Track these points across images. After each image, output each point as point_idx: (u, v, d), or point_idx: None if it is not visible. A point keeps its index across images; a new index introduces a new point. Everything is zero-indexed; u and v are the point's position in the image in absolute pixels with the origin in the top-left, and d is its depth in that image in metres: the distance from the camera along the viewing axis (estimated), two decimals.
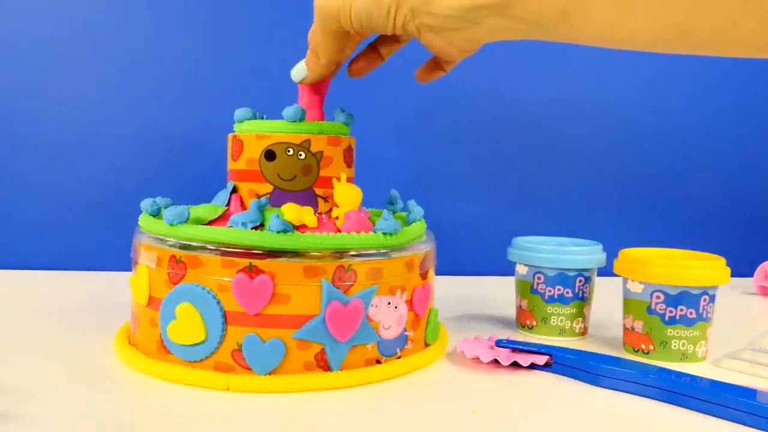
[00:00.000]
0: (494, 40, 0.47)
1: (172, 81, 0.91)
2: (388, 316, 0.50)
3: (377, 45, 0.56)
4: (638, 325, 0.56)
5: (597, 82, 0.98)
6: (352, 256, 0.48)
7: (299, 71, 0.54)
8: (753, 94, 1.01)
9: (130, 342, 0.53)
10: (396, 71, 0.94)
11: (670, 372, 0.48)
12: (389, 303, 0.50)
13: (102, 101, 0.90)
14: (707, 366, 0.55)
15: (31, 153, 0.90)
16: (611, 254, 0.62)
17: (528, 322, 0.63)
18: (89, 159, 0.90)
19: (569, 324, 0.62)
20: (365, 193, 0.55)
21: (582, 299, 0.62)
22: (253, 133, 0.53)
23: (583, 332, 0.63)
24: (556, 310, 0.61)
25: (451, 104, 0.96)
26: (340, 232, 0.50)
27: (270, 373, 0.46)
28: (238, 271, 0.46)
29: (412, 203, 0.58)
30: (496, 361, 0.53)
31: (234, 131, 0.56)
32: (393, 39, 0.56)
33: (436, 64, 0.56)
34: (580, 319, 0.62)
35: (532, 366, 0.52)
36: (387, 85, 0.94)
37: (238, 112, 0.56)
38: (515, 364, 0.52)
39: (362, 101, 0.92)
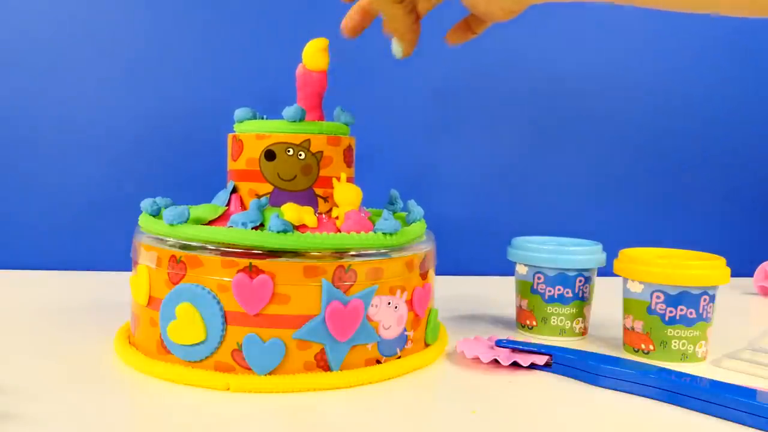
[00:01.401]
0: (545, 1, 0.44)
1: (173, 81, 0.91)
2: (388, 316, 0.50)
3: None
4: (638, 325, 0.56)
5: (597, 83, 0.98)
6: (352, 256, 0.48)
7: (396, 47, 0.51)
8: (753, 94, 1.01)
9: (130, 342, 0.53)
10: (396, 71, 0.94)
11: (670, 372, 0.48)
12: (389, 303, 0.50)
13: (102, 101, 0.90)
14: (707, 366, 0.55)
15: (32, 153, 0.90)
16: (611, 254, 0.62)
17: (528, 322, 0.63)
18: (89, 159, 0.90)
19: (569, 324, 0.62)
20: (365, 193, 0.55)
21: (582, 299, 0.62)
22: (253, 133, 0.53)
23: (583, 332, 0.63)
24: (556, 310, 0.61)
25: (451, 104, 0.95)
26: (340, 232, 0.50)
27: (270, 373, 0.46)
28: (238, 271, 0.46)
29: (412, 203, 0.58)
30: (496, 361, 0.53)
31: (234, 131, 0.56)
32: None
33: (467, 25, 0.53)
34: (580, 319, 0.62)
35: (532, 366, 0.52)
36: (387, 84, 0.94)
37: (238, 112, 0.56)
38: (515, 364, 0.52)
39: (362, 101, 0.92)
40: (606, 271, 0.65)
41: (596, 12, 0.96)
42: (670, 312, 0.54)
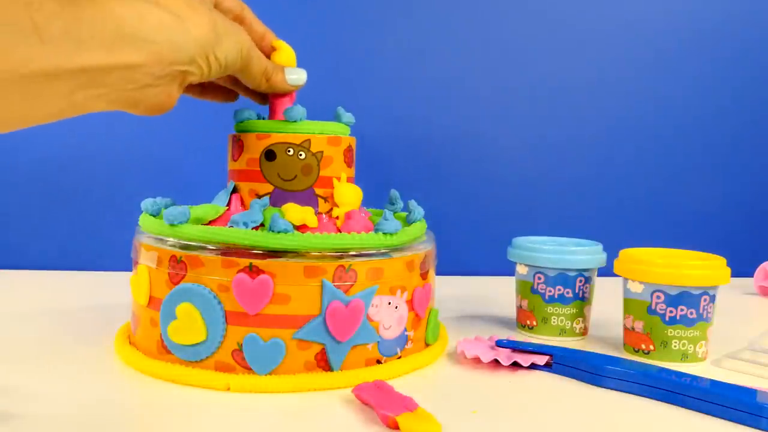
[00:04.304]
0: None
1: None
2: (389, 316, 0.50)
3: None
4: (638, 325, 0.56)
5: (596, 81, 0.98)
6: (353, 256, 0.48)
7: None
8: (753, 93, 1.01)
9: (130, 342, 0.53)
10: (398, 71, 0.94)
11: (670, 372, 0.48)
12: (390, 303, 0.50)
13: None
14: (707, 366, 0.55)
15: (31, 153, 0.90)
16: (611, 254, 0.62)
17: (528, 322, 0.63)
18: (89, 159, 0.90)
19: (569, 324, 0.62)
20: (365, 193, 0.55)
21: (582, 299, 0.62)
22: (253, 133, 0.53)
23: (584, 332, 0.63)
24: (556, 310, 0.61)
25: (451, 103, 0.95)
26: (340, 232, 0.50)
27: (270, 373, 0.46)
28: (239, 271, 0.46)
29: (412, 203, 0.58)
30: (496, 361, 0.53)
31: (234, 131, 0.56)
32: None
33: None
34: (581, 319, 0.62)
35: (533, 366, 0.52)
36: (387, 84, 0.94)
37: (238, 112, 0.56)
38: (515, 364, 0.53)
39: (362, 101, 0.92)
40: (606, 271, 0.65)
41: (597, 12, 0.96)
42: (671, 312, 0.54)
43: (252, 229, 0.48)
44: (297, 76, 0.53)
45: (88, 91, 0.37)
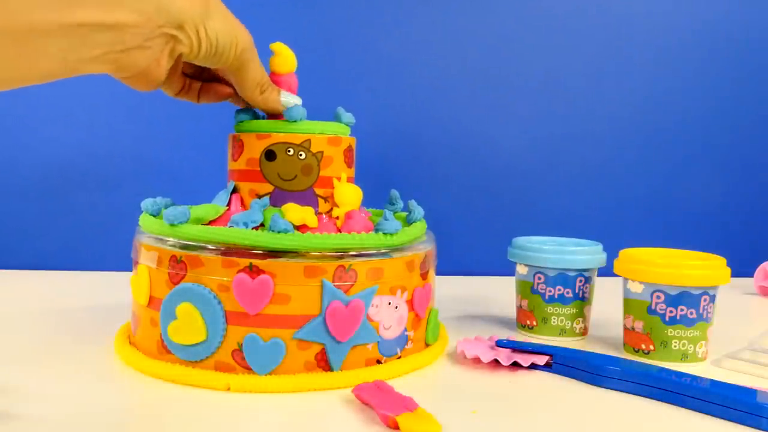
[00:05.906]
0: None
1: None
2: (389, 316, 0.50)
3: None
4: (638, 325, 0.56)
5: (596, 81, 0.98)
6: (353, 256, 0.48)
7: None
8: (753, 93, 1.01)
9: (130, 342, 0.53)
10: (397, 70, 0.94)
11: (670, 372, 0.48)
12: (390, 303, 0.50)
13: (103, 101, 0.90)
14: (707, 366, 0.55)
15: (31, 153, 0.90)
16: (611, 254, 0.62)
17: (528, 322, 0.63)
18: (89, 159, 0.90)
19: (569, 324, 0.62)
20: (365, 193, 0.55)
21: (582, 299, 0.62)
22: (253, 133, 0.53)
23: (584, 332, 0.63)
24: (556, 310, 0.61)
25: (451, 103, 0.95)
26: (340, 232, 0.50)
27: (270, 373, 0.46)
28: (239, 271, 0.46)
29: (412, 203, 0.58)
30: (496, 361, 0.53)
31: (234, 131, 0.56)
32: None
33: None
34: (581, 319, 0.62)
35: (533, 366, 0.52)
36: (387, 84, 0.94)
37: (239, 112, 0.56)
38: (515, 364, 0.53)
39: (363, 101, 0.92)
40: (606, 271, 0.65)
41: (597, 11, 0.96)
42: (671, 312, 0.54)
43: (252, 229, 0.48)
44: (292, 102, 0.53)
45: (81, 51, 0.38)
